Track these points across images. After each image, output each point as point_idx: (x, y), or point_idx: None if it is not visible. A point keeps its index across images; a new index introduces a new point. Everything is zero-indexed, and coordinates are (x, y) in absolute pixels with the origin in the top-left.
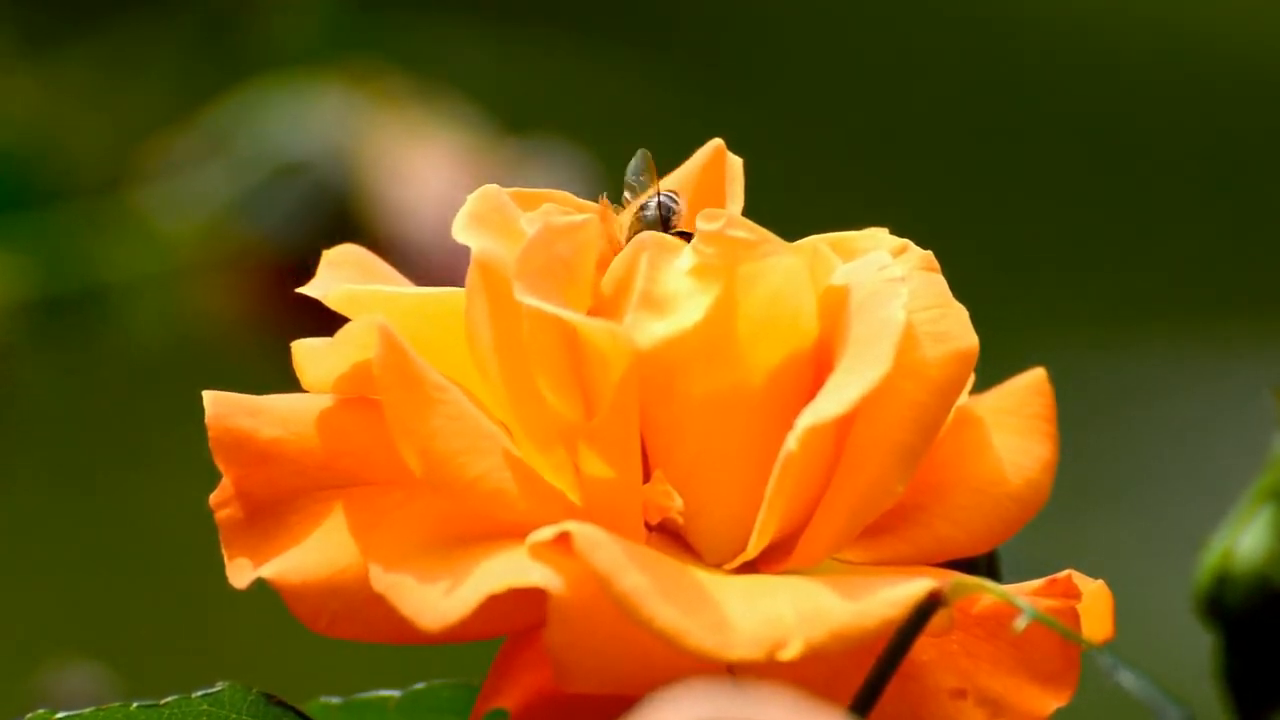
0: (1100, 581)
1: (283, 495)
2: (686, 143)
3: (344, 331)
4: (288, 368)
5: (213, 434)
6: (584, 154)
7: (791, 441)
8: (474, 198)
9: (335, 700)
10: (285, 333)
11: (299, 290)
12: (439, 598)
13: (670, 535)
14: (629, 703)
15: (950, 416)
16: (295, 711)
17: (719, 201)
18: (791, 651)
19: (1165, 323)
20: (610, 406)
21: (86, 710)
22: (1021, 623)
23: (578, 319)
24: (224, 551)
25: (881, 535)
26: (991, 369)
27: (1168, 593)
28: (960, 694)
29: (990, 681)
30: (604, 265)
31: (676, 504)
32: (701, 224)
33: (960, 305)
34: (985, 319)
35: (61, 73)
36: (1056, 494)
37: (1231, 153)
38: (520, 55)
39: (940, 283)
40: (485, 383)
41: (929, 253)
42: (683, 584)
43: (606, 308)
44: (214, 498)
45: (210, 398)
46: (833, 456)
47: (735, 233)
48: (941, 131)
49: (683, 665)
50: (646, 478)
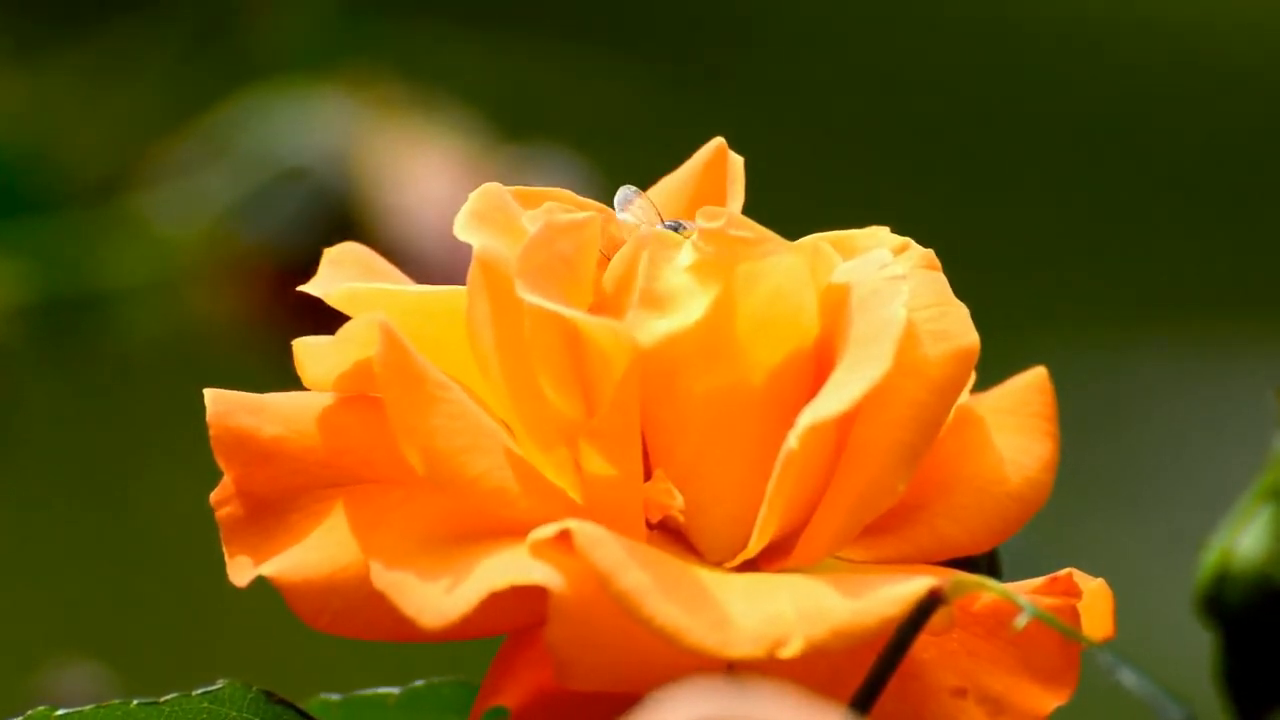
0: (1100, 580)
1: (284, 493)
2: (686, 145)
3: (345, 329)
4: (289, 372)
5: (214, 432)
6: (582, 160)
7: (792, 440)
8: (475, 196)
9: (335, 697)
10: (286, 338)
11: (301, 289)
12: (440, 596)
13: (671, 533)
14: (629, 700)
15: (951, 415)
16: (295, 709)
17: (720, 201)
18: (792, 649)
19: (1165, 323)
20: (611, 404)
21: (87, 708)
22: (1022, 621)
23: (579, 317)
24: (225, 549)
25: (882, 534)
26: (992, 368)
27: (1167, 592)
28: (960, 692)
29: (990, 680)
30: (605, 263)
31: (677, 502)
32: (702, 222)
33: (961, 304)
34: (986, 318)
35: (55, 76)
36: (1056, 493)
37: (1231, 153)
38: (516, 60)
39: (941, 281)
40: (486, 380)
41: (930, 251)
42: (683, 582)
43: (608, 306)
44: (215, 496)
45: (211, 395)
46: (833, 455)
47: (736, 231)
48: (942, 131)
49: (683, 663)
50: (647, 476)
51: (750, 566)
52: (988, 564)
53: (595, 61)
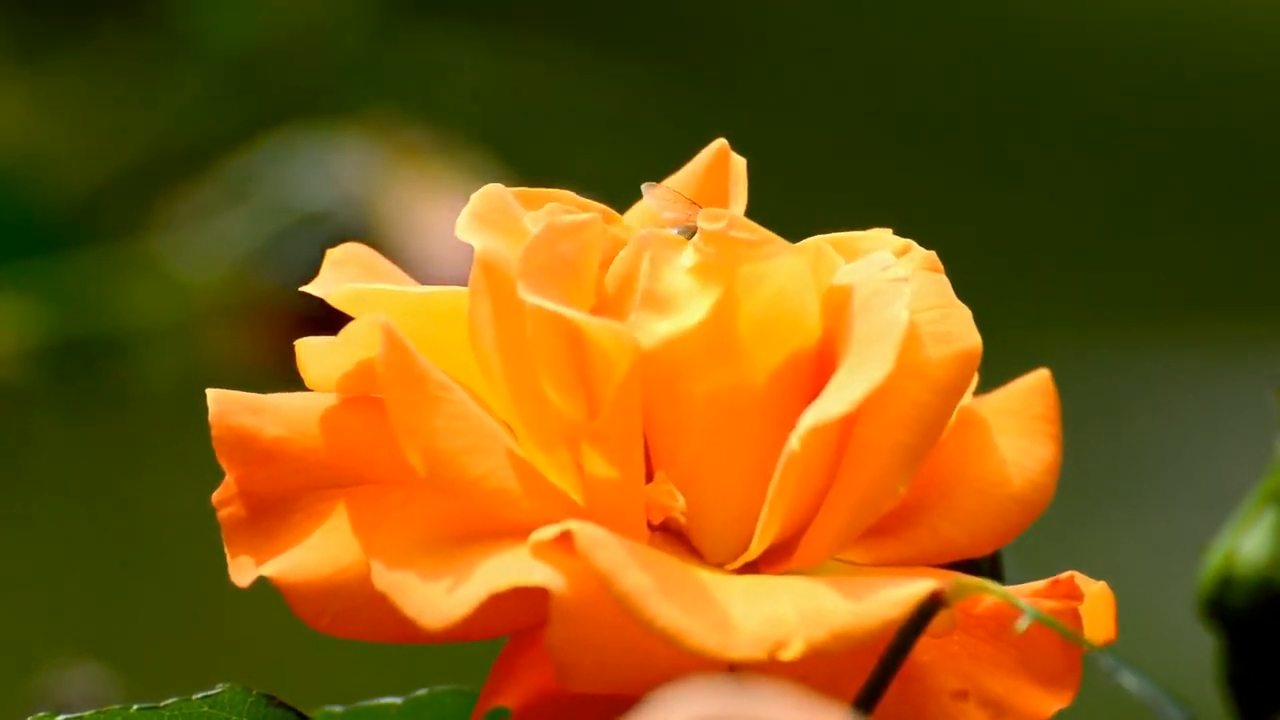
0: (1102, 583)
1: (285, 494)
2: (688, 146)
3: (347, 330)
4: None
5: (216, 432)
6: (584, 162)
7: (794, 441)
8: (477, 197)
9: (338, 709)
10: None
11: (303, 289)
12: (441, 596)
13: (672, 535)
14: (630, 702)
15: (953, 417)
16: (296, 713)
17: (722, 202)
18: (793, 652)
19: (1165, 323)
20: (613, 406)
21: (87, 713)
22: (1023, 624)
23: (581, 318)
24: (226, 550)
25: (884, 536)
26: (994, 370)
27: (1170, 595)
28: (962, 695)
29: (992, 682)
30: (607, 264)
31: (679, 504)
32: (704, 224)
33: (963, 306)
34: (988, 320)
35: (56, 88)
36: (1059, 495)
37: (1231, 153)
38: (522, 62)
39: (943, 283)
40: (488, 382)
41: (932, 253)
42: (684, 584)
43: (609, 307)
44: (216, 496)
45: (214, 395)
46: (835, 457)
47: (738, 233)
48: (944, 133)
49: (684, 665)
50: (649, 477)
51: (751, 568)
52: (990, 566)
53: (598, 62)
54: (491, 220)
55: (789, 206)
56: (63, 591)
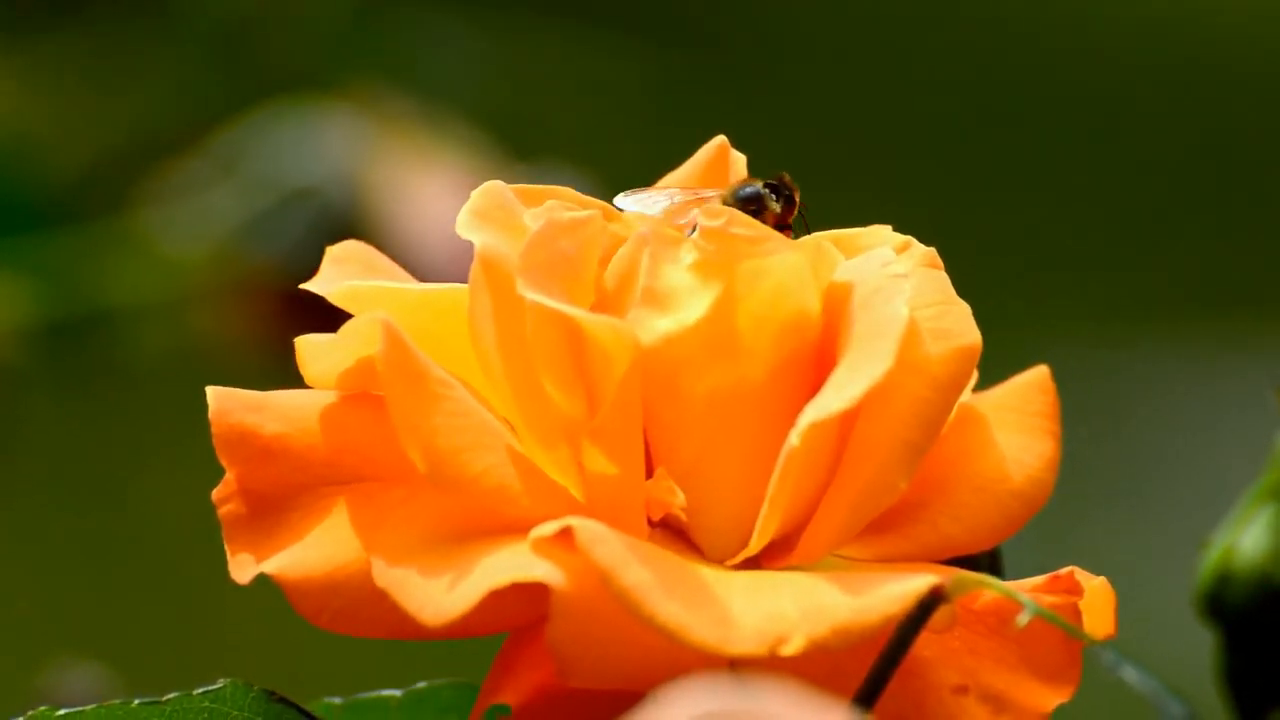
0: (1102, 578)
1: (286, 491)
2: (690, 140)
3: (347, 327)
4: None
5: (216, 430)
6: (589, 177)
7: (794, 438)
8: (477, 194)
9: (337, 700)
10: (291, 358)
11: (304, 286)
12: (441, 593)
13: (673, 531)
14: (631, 698)
15: (953, 414)
16: (296, 708)
17: None
18: (793, 647)
19: (1165, 322)
20: (613, 402)
21: (88, 708)
22: (1024, 619)
23: (581, 315)
24: (226, 547)
25: (884, 532)
26: (994, 366)
27: (1168, 591)
28: (962, 690)
29: (992, 678)
30: (606, 261)
31: (679, 500)
32: (703, 220)
33: (963, 302)
34: (988, 316)
35: (54, 76)
36: (1058, 491)
37: (1231, 152)
38: (509, 36)
39: (943, 280)
40: (488, 379)
41: (932, 250)
42: (685, 580)
43: (609, 304)
44: (217, 493)
45: (214, 393)
46: (835, 453)
47: (738, 229)
48: (944, 130)
49: (685, 661)
50: (649, 474)
51: (752, 564)
52: (989, 562)
53: (598, 50)
54: (491, 217)
55: None
56: (64, 590)
